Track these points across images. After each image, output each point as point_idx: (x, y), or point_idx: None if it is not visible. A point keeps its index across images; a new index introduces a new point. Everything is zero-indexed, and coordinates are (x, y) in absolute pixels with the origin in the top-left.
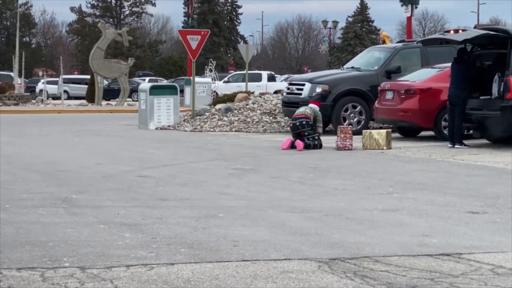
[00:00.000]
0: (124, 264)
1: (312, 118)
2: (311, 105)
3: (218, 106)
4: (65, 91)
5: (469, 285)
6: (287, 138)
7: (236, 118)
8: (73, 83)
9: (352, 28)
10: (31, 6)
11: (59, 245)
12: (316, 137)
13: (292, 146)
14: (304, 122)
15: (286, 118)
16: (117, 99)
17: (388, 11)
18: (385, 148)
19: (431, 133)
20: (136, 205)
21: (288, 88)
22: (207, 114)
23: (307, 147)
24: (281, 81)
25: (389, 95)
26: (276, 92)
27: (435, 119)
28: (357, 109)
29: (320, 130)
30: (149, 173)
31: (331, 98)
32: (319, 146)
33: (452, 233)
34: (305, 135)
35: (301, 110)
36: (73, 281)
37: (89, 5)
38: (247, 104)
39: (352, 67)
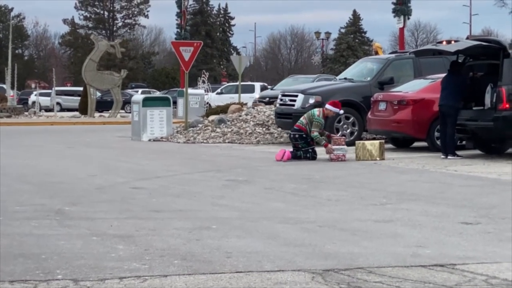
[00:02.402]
0: (117, 276)
1: (309, 126)
2: (312, 110)
3: (211, 117)
4: (57, 103)
5: None
6: (281, 149)
7: (229, 130)
8: (66, 95)
9: (345, 39)
10: (24, 18)
11: (52, 257)
12: (310, 150)
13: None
14: (297, 136)
15: (279, 129)
16: (110, 111)
17: (381, 22)
18: (378, 159)
19: (424, 143)
20: (129, 216)
21: (281, 99)
22: (200, 125)
23: (296, 157)
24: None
25: (382, 106)
26: (261, 101)
27: (428, 130)
28: (350, 120)
29: (314, 134)
30: (142, 184)
31: None
32: (311, 158)
33: (445, 243)
34: (299, 148)
35: (300, 120)
36: None
37: (81, 17)
38: (240, 116)
39: (345, 78)
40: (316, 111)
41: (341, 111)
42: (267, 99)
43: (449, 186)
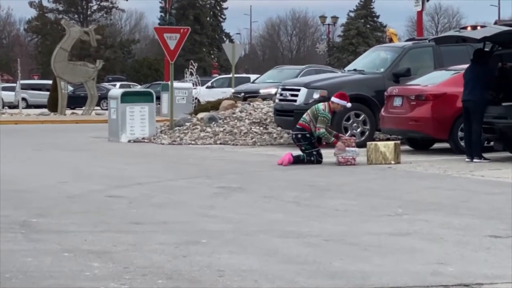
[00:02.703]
0: None
1: (313, 123)
2: (316, 105)
3: (200, 115)
4: (23, 99)
5: None
6: (287, 152)
7: (221, 129)
8: (32, 89)
9: (354, 25)
10: None
11: (17, 276)
12: (314, 152)
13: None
14: (299, 136)
15: (279, 128)
16: (83, 108)
17: (396, 4)
18: (393, 162)
19: (446, 145)
20: (106, 229)
21: (281, 94)
22: (187, 124)
23: (298, 161)
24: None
25: (397, 102)
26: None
27: (451, 129)
28: (360, 118)
29: (321, 130)
30: (120, 192)
31: None
32: (315, 161)
33: (470, 260)
34: (302, 150)
35: (302, 117)
36: None
37: None
38: (233, 113)
39: (355, 70)
40: (321, 105)
41: (349, 104)
42: (242, 94)
43: (474, 194)
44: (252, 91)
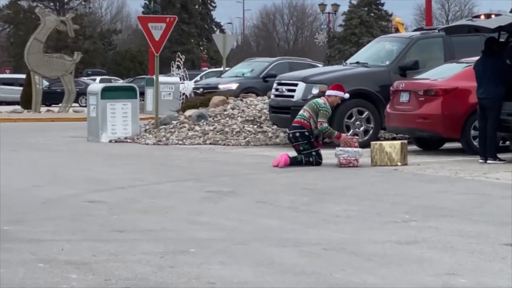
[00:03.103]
0: None
1: (313, 120)
2: (315, 100)
3: (188, 112)
4: None
5: None
6: (283, 153)
7: (211, 128)
8: (4, 84)
9: (357, 13)
10: None
11: None
12: (314, 153)
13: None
14: (297, 134)
15: (275, 127)
16: (60, 105)
17: None
18: (399, 164)
19: (457, 145)
20: (84, 238)
21: (277, 89)
22: (174, 122)
23: (295, 163)
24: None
25: (404, 98)
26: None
27: (463, 128)
28: (363, 116)
29: (324, 125)
30: (101, 197)
31: None
32: (315, 163)
33: (484, 271)
34: (300, 150)
35: (299, 114)
36: None
37: None
38: (225, 110)
39: (357, 62)
40: (320, 99)
41: (347, 95)
42: (201, 90)
43: (489, 199)
44: (211, 87)
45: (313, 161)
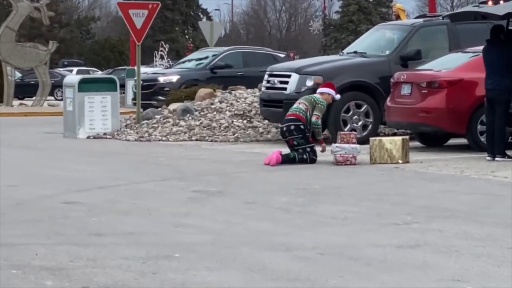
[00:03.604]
0: None
1: (309, 115)
2: (313, 94)
3: (173, 106)
4: None
5: None
6: (275, 150)
7: (198, 123)
8: None
9: None
10: None
11: None
12: (308, 149)
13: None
14: (292, 127)
15: (266, 121)
16: (34, 98)
17: None
18: (400, 161)
19: (463, 141)
20: (61, 242)
21: (268, 81)
22: (157, 117)
23: (288, 160)
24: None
25: (405, 90)
26: None
27: (469, 122)
28: (362, 109)
29: (314, 119)
30: (78, 198)
31: None
32: (309, 160)
33: (492, 276)
34: (294, 145)
35: (294, 107)
36: None
37: None
38: (212, 103)
39: (355, 52)
40: (317, 94)
41: (338, 96)
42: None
43: (497, 199)
44: (150, 80)
45: (307, 158)
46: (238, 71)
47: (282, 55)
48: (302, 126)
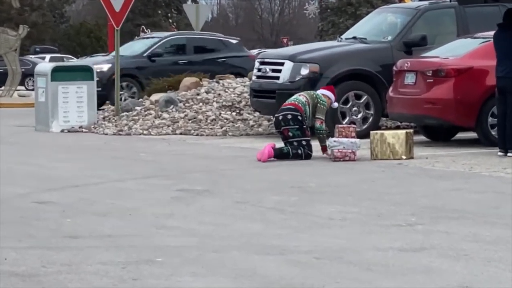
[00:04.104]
0: None
1: (309, 110)
2: (316, 92)
3: (155, 96)
4: None
5: None
6: (267, 143)
7: (182, 115)
8: None
9: None
10: None
11: None
12: (304, 142)
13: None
14: (289, 116)
15: (257, 114)
16: (2, 88)
17: None
18: (404, 157)
19: (472, 134)
20: (32, 245)
21: (259, 69)
22: (138, 108)
23: (281, 155)
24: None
25: (409, 79)
26: None
27: (478, 115)
28: (362, 100)
29: (318, 124)
30: (51, 197)
31: (323, 83)
32: (304, 155)
33: (502, 281)
34: (288, 137)
35: (293, 97)
36: None
37: None
38: (198, 94)
39: (354, 38)
40: (320, 94)
41: (335, 104)
42: None
43: (509, 198)
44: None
45: (302, 153)
46: (181, 59)
47: (234, 41)
48: (299, 117)
